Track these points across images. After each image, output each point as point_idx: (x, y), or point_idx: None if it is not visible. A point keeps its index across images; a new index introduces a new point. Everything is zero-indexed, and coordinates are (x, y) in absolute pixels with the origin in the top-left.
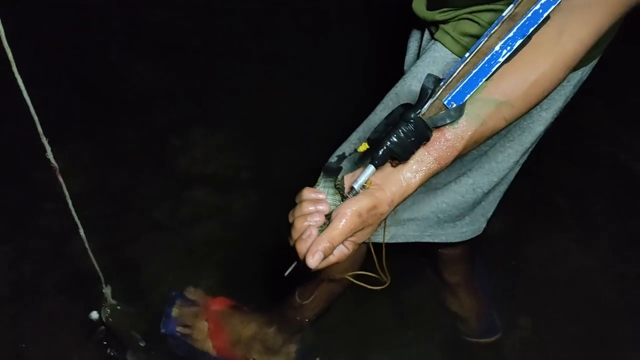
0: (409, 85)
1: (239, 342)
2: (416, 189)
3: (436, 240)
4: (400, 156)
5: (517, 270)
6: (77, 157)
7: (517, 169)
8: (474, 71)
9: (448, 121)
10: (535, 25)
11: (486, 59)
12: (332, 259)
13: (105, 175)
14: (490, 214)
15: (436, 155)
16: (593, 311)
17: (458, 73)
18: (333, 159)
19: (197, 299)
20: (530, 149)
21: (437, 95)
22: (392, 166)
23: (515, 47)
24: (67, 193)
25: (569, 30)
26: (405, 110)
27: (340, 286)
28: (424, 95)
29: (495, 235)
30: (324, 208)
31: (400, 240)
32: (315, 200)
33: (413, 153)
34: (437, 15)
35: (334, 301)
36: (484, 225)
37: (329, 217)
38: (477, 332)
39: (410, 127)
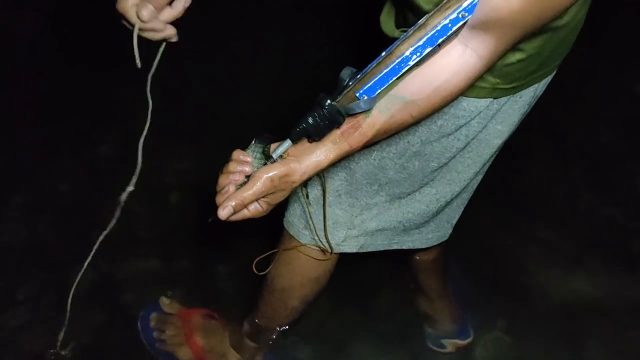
0: None
1: (213, 351)
2: (328, 165)
3: (404, 247)
4: (313, 135)
5: (492, 275)
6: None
7: (479, 178)
8: (385, 70)
9: (358, 110)
10: (444, 37)
11: (397, 61)
12: (247, 213)
13: (84, 185)
14: (455, 220)
15: (349, 139)
16: (567, 312)
17: (372, 70)
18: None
19: (172, 310)
20: (490, 160)
21: (351, 87)
22: (309, 142)
23: (424, 54)
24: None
25: (472, 46)
26: (323, 97)
27: (312, 293)
28: (340, 85)
29: (469, 239)
30: (247, 169)
31: (370, 249)
32: (241, 162)
33: (325, 134)
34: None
35: (304, 309)
36: (449, 231)
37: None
38: (450, 334)
39: (324, 112)
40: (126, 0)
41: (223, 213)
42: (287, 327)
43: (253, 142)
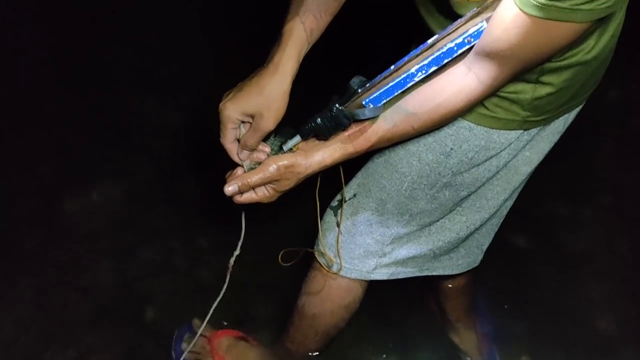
0: None
1: None
2: (331, 164)
3: (434, 273)
4: (320, 134)
5: (519, 307)
6: (96, 194)
7: (509, 204)
8: (391, 83)
9: (363, 117)
10: (450, 59)
11: (403, 75)
12: (254, 196)
13: (121, 210)
14: (486, 246)
15: (354, 142)
16: (594, 346)
17: (380, 81)
18: (334, 202)
19: (204, 332)
20: (520, 187)
21: (359, 94)
22: (318, 140)
23: (429, 72)
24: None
25: (474, 70)
26: (333, 100)
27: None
28: (349, 92)
29: (497, 271)
30: (261, 157)
31: (400, 277)
32: (259, 150)
33: (331, 135)
34: None
35: (334, 335)
36: (480, 257)
37: None
38: None
39: (332, 114)
40: (225, 135)
41: (229, 189)
42: (317, 352)
43: (273, 135)
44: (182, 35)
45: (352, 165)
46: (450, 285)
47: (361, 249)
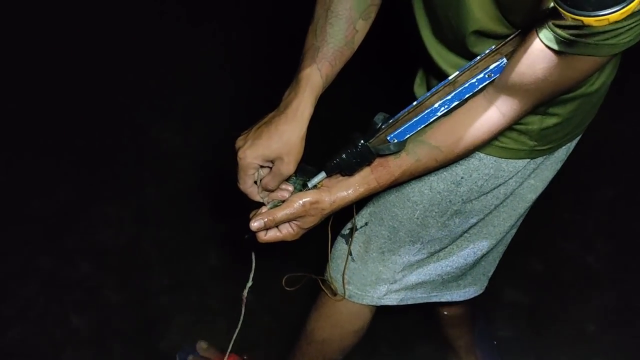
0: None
1: None
2: (356, 199)
3: (442, 300)
4: (345, 170)
5: (521, 336)
6: (107, 215)
7: (513, 232)
8: (415, 119)
9: (388, 152)
10: (471, 93)
11: (426, 111)
12: (279, 235)
13: (132, 232)
14: (491, 273)
15: (377, 177)
16: None
17: (403, 117)
18: (345, 230)
19: (208, 354)
20: (524, 214)
21: (383, 130)
22: (342, 176)
23: (452, 107)
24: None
25: (496, 104)
26: (357, 137)
27: (350, 345)
28: (373, 128)
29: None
30: (285, 195)
31: (409, 302)
32: (282, 189)
33: (356, 170)
34: None
35: None
36: (485, 284)
37: None
38: None
39: (357, 150)
40: (245, 181)
41: (254, 225)
42: None
43: (295, 174)
44: (202, 67)
45: None
46: (447, 313)
47: (373, 276)
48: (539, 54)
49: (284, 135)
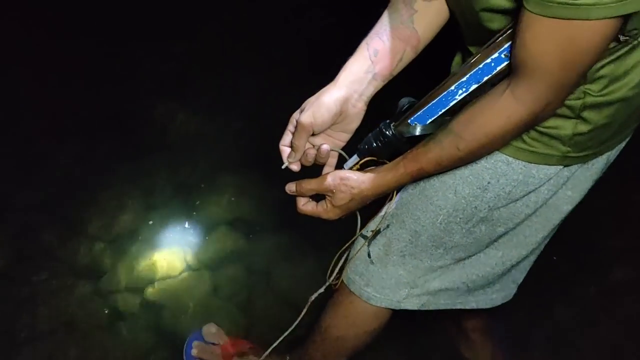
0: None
1: None
2: (386, 185)
3: (467, 307)
4: (376, 154)
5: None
6: (116, 200)
7: (546, 241)
8: (433, 102)
9: (409, 135)
10: (489, 75)
11: (444, 94)
12: (315, 209)
13: (138, 217)
14: (520, 280)
15: (405, 163)
16: None
17: (424, 100)
18: (369, 233)
19: (216, 339)
20: (559, 225)
21: (407, 114)
22: (377, 164)
23: (470, 90)
24: None
25: (510, 87)
26: (384, 122)
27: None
28: (399, 112)
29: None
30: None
31: (432, 308)
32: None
33: (384, 155)
34: None
35: (352, 357)
36: (514, 292)
37: None
38: None
39: (380, 132)
40: (283, 138)
41: (288, 186)
42: None
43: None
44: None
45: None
46: (469, 322)
47: (392, 279)
48: (525, 20)
49: (320, 97)
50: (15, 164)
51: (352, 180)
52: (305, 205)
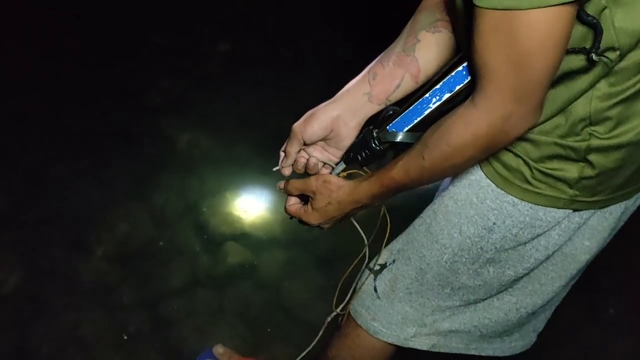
0: (446, 205)
1: None
2: (365, 193)
3: (483, 354)
4: (362, 162)
5: None
6: (125, 217)
7: (565, 292)
8: (409, 109)
9: (384, 140)
10: (461, 85)
11: (419, 101)
12: (299, 209)
13: (147, 234)
14: (541, 329)
15: (380, 172)
16: None
17: (403, 108)
18: (376, 267)
19: (226, 358)
20: (578, 275)
21: (387, 121)
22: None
23: (444, 99)
24: None
25: (472, 93)
26: (368, 129)
27: None
28: (381, 118)
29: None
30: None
31: (443, 350)
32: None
33: (368, 162)
34: None
35: None
36: (534, 340)
37: None
38: None
39: (361, 137)
40: (284, 145)
41: (278, 183)
42: None
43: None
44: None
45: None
46: None
47: (399, 315)
48: (476, 19)
49: (317, 108)
50: (26, 181)
51: (332, 184)
52: (291, 206)
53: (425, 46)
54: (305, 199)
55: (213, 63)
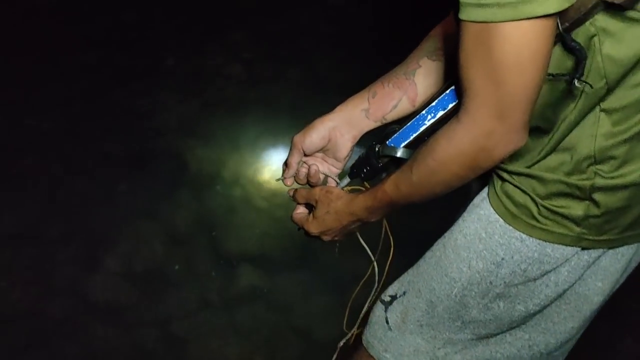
0: (455, 239)
1: None
2: (363, 204)
3: None
4: (365, 177)
5: None
6: (138, 235)
7: (579, 334)
8: (407, 125)
9: (391, 154)
10: (455, 102)
11: (415, 118)
12: (303, 217)
13: (159, 253)
14: None
15: (375, 187)
16: None
17: (403, 124)
18: (386, 298)
19: None
20: (592, 315)
21: (387, 137)
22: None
23: (438, 116)
24: None
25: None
26: (372, 144)
27: None
28: (383, 135)
29: None
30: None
31: None
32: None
33: (371, 178)
34: None
35: None
36: None
37: None
38: None
39: (364, 153)
40: (293, 155)
41: (289, 190)
42: None
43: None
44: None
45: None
46: None
47: (411, 347)
48: (459, 32)
49: (316, 120)
50: (40, 200)
51: (333, 194)
52: (297, 214)
53: (425, 72)
54: (311, 209)
55: (225, 84)
